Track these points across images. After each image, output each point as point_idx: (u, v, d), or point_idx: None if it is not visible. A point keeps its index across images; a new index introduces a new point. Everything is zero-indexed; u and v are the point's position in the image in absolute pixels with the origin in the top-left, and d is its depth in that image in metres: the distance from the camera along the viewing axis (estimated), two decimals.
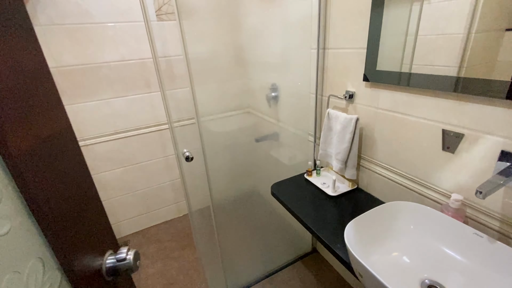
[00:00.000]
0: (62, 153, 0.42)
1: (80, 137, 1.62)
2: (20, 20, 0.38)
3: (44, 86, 0.40)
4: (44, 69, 0.41)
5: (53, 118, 0.41)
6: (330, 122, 1.15)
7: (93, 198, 0.50)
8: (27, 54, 0.37)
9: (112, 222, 1.91)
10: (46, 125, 0.39)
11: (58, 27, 1.40)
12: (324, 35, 1.14)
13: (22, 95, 0.34)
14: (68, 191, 0.42)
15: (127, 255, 0.50)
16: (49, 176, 0.37)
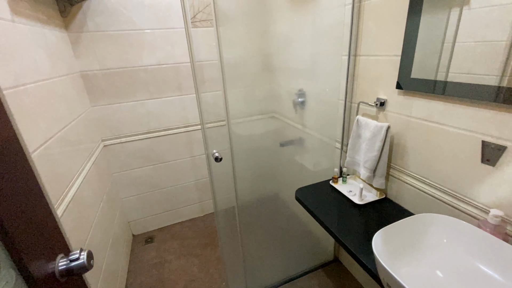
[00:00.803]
0: (8, 162, 0.44)
1: (117, 135, 1.74)
2: None
3: None
4: None
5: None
6: (359, 129, 1.14)
7: (41, 205, 0.52)
8: None
9: (139, 217, 2.01)
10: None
11: (103, 34, 1.53)
12: (356, 42, 1.14)
13: None
14: (18, 198, 0.45)
15: (80, 255, 0.53)
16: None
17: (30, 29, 1.04)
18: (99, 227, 1.34)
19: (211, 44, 1.78)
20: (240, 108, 1.81)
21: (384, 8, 0.98)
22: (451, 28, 0.78)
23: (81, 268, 0.53)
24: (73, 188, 1.12)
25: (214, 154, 1.12)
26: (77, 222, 1.09)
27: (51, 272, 0.49)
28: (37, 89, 1.00)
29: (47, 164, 0.94)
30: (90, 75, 1.57)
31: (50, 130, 1.03)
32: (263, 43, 1.85)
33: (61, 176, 1.05)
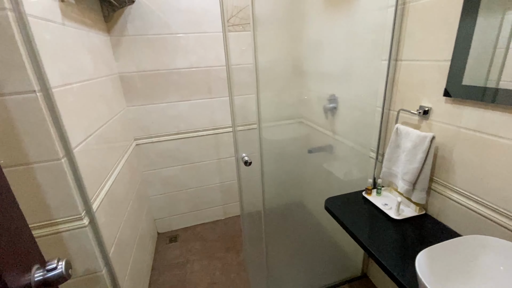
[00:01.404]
0: None
1: (149, 134, 1.80)
2: None
3: None
4: None
5: None
6: (398, 138, 1.07)
7: (16, 215, 0.50)
8: None
9: (165, 215, 2.05)
10: None
11: (141, 37, 1.60)
12: (398, 46, 1.08)
13: None
14: None
15: (58, 265, 0.51)
16: None
17: (77, 32, 1.10)
18: (128, 223, 1.38)
19: (242, 48, 1.79)
20: (269, 112, 1.79)
21: (433, 10, 0.91)
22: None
23: (59, 278, 0.51)
24: (107, 183, 1.17)
25: (243, 158, 1.11)
26: (109, 217, 1.13)
27: (27, 284, 0.47)
28: (81, 88, 1.05)
29: (86, 159, 0.98)
30: (128, 76, 1.64)
31: (91, 128, 1.09)
32: (294, 47, 1.83)
33: (98, 172, 1.09)
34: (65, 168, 0.84)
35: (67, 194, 0.86)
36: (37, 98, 0.75)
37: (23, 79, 0.73)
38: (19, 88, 0.73)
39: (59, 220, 0.88)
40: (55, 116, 0.81)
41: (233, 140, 1.15)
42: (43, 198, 0.84)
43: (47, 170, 0.82)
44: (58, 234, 0.89)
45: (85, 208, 0.93)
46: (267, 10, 1.60)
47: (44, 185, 0.83)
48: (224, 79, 1.84)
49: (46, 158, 0.81)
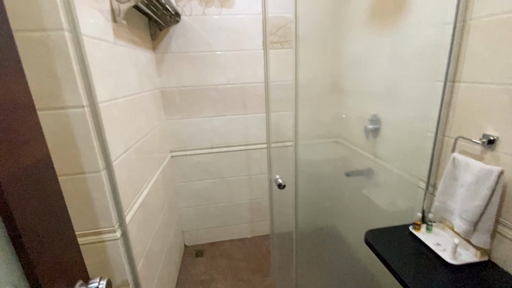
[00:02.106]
0: (41, 183, 0.43)
1: (184, 147, 1.84)
2: (9, 55, 0.39)
3: (27, 120, 0.42)
4: (28, 102, 0.43)
5: (33, 148, 0.42)
6: (456, 170, 0.94)
7: (67, 229, 0.50)
8: (13, 89, 0.39)
9: (193, 229, 2.05)
10: (27, 155, 0.40)
11: (183, 54, 1.67)
12: (456, 67, 0.96)
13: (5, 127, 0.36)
14: (44, 223, 0.42)
15: (100, 284, 0.50)
16: (28, 205, 0.37)
17: (126, 50, 1.18)
18: (158, 235, 1.39)
19: (279, 65, 1.78)
20: (304, 130, 1.73)
21: (502, 27, 0.80)
22: None
23: None
24: (142, 195, 1.19)
25: (277, 180, 1.06)
26: (141, 229, 1.14)
27: None
28: (125, 102, 1.10)
29: (124, 172, 1.01)
30: (168, 91, 1.71)
31: (131, 140, 1.12)
32: (333, 64, 1.77)
33: (134, 184, 1.12)
34: (104, 180, 0.86)
35: (103, 205, 0.88)
36: (85, 112, 0.79)
37: (74, 95, 0.77)
38: (70, 103, 0.77)
39: (91, 231, 0.90)
40: (99, 130, 0.84)
41: (267, 159, 1.11)
42: (80, 208, 0.86)
43: (87, 182, 0.85)
44: (89, 245, 0.90)
45: (119, 221, 0.94)
46: (307, 27, 1.57)
47: (82, 195, 0.86)
48: (259, 95, 1.84)
49: (87, 170, 0.84)
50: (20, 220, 0.38)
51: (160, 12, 1.44)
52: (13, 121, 0.39)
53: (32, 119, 0.44)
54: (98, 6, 0.93)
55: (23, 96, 0.43)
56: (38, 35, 0.72)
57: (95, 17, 0.90)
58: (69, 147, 0.80)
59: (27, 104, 0.43)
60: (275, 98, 1.74)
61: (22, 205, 0.39)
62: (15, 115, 0.40)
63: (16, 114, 0.40)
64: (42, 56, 0.73)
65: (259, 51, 1.75)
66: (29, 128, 0.43)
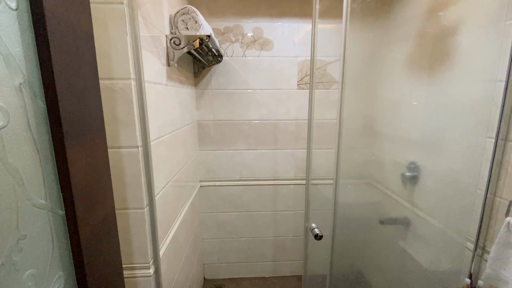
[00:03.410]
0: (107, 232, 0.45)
1: (213, 177, 1.87)
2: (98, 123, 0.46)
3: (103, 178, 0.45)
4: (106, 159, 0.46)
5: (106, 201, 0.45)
6: (511, 236, 0.86)
7: (116, 265, 0.51)
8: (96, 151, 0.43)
9: (214, 262, 2.02)
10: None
11: (222, 91, 1.76)
12: (508, 125, 0.92)
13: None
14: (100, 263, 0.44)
15: None
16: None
17: (174, 89, 1.27)
18: (184, 268, 1.38)
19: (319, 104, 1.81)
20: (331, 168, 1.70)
21: None
22: None
23: None
24: (174, 228, 1.21)
25: (314, 229, 1.03)
26: (170, 263, 1.14)
27: None
28: (170, 138, 1.17)
29: (162, 206, 1.04)
30: (204, 124, 1.79)
31: (170, 174, 1.17)
32: (369, 106, 1.77)
33: (168, 217, 1.14)
34: (146, 216, 0.90)
35: (142, 241, 0.91)
36: (138, 152, 0.85)
37: (131, 136, 0.84)
38: (127, 143, 0.84)
39: (130, 265, 0.91)
40: (148, 168, 0.89)
41: (305, 205, 1.09)
42: (123, 243, 0.89)
43: (129, 217, 0.88)
44: (126, 279, 0.92)
45: (153, 257, 0.95)
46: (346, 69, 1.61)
47: (124, 230, 0.89)
48: (290, 132, 1.86)
49: (132, 206, 0.88)
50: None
51: (204, 53, 1.56)
52: (93, 180, 0.44)
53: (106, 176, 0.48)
54: (157, 52, 1.03)
55: (103, 153, 0.48)
56: (108, 83, 0.80)
57: (154, 63, 1.00)
58: (118, 182, 0.86)
59: (105, 163, 0.48)
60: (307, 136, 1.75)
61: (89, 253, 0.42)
62: (96, 174, 0.44)
63: (96, 173, 0.45)
64: (109, 101, 0.81)
65: (293, 90, 1.80)
66: (104, 185, 0.47)
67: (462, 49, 1.11)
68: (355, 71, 1.70)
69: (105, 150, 0.47)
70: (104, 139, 0.47)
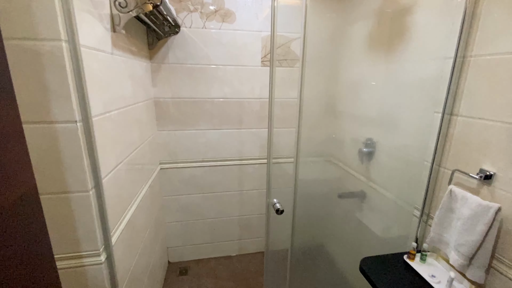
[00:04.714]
0: (26, 216, 0.41)
1: (175, 159, 1.78)
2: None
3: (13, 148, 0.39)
4: (17, 129, 0.40)
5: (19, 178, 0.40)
6: (452, 202, 0.94)
7: (44, 248, 0.47)
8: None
9: (179, 245, 1.97)
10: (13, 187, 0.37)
11: (181, 66, 1.63)
12: (454, 100, 0.99)
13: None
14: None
15: None
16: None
17: (122, 60, 1.13)
18: (143, 253, 1.31)
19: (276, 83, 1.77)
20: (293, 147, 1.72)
21: (501, 67, 0.83)
22: None
23: None
24: (129, 212, 1.12)
25: (275, 205, 1.03)
26: (126, 250, 1.06)
27: None
28: (119, 115, 1.05)
29: (113, 189, 0.95)
30: (162, 101, 1.66)
31: (122, 155, 1.07)
32: (330, 86, 1.79)
33: (122, 201, 1.05)
34: (92, 200, 0.80)
35: (89, 227, 0.82)
36: (77, 128, 0.74)
37: (67, 109, 0.72)
38: (62, 117, 0.72)
39: (74, 254, 0.83)
40: (91, 146, 0.79)
41: (267, 183, 1.08)
42: (64, 230, 0.80)
43: (72, 201, 0.78)
44: (72, 269, 0.83)
45: (104, 243, 0.87)
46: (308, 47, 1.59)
47: (66, 216, 0.79)
48: (255, 112, 1.82)
49: (74, 189, 0.78)
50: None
51: (159, 22, 1.41)
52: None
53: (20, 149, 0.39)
54: (98, 14, 0.89)
55: (12, 122, 0.38)
56: (30, 44, 0.67)
57: (94, 26, 0.86)
58: (55, 163, 0.74)
59: (16, 131, 0.39)
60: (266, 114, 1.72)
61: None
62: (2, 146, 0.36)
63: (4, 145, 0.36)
64: (34, 66, 0.68)
65: (257, 67, 1.74)
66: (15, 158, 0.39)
67: (418, 28, 1.15)
68: (317, 49, 1.69)
69: (15, 118, 0.38)
70: (13, 105, 0.38)
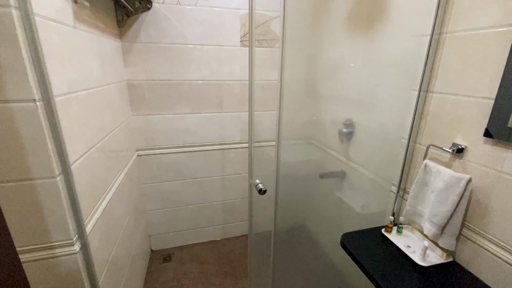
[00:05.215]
0: None
1: (152, 145, 1.71)
2: None
3: None
4: None
5: None
6: (427, 176, 0.98)
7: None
8: None
9: (161, 232, 1.93)
10: None
11: (155, 45, 1.53)
12: (430, 77, 1.01)
13: None
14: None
15: None
16: None
17: (88, 36, 1.03)
18: (123, 242, 1.27)
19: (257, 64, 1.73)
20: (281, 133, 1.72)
21: (475, 43, 0.85)
22: None
23: None
24: (105, 200, 1.07)
25: (258, 185, 1.02)
26: (103, 239, 1.02)
27: None
28: (87, 96, 0.97)
29: (84, 175, 0.89)
30: (136, 84, 1.57)
31: (93, 139, 1.00)
32: (311, 67, 1.77)
33: (96, 188, 0.99)
34: (60, 187, 0.74)
35: (59, 216, 0.76)
36: (37, 108, 0.67)
37: (23, 86, 0.64)
38: (17, 96, 0.64)
39: (46, 245, 0.77)
40: (55, 128, 0.72)
41: (248, 163, 1.06)
42: (30, 220, 0.74)
43: (39, 189, 0.72)
44: (43, 261, 0.78)
45: (78, 232, 0.82)
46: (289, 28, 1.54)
47: (34, 205, 0.73)
48: (236, 94, 1.78)
49: (40, 175, 0.71)
50: None
51: None
52: None
53: None
54: None
55: None
56: None
57: None
58: (15, 148, 0.67)
59: None
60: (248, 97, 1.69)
61: None
62: None
63: None
64: None
65: (237, 47, 1.68)
66: None
67: (396, 5, 1.14)
68: (297, 29, 1.66)
69: None
70: None
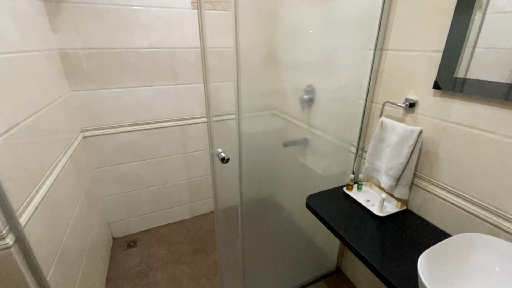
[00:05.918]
0: None
1: (100, 125, 1.52)
2: None
3: None
4: None
5: None
6: (383, 132, 1.02)
7: None
8: None
9: (122, 218, 1.81)
10: None
11: (89, 6, 1.31)
12: (384, 35, 1.01)
13: None
14: None
15: None
16: None
17: None
18: (75, 231, 1.15)
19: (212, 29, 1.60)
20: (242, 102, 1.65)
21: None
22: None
23: None
24: (43, 187, 0.92)
25: (220, 154, 0.96)
26: (47, 229, 0.89)
27: None
28: (2, 63, 0.79)
29: (9, 158, 0.74)
30: (71, 54, 1.35)
31: (17, 116, 0.83)
32: (268, 34, 1.70)
33: (29, 174, 0.85)
34: None
35: None
36: None
37: None
38: None
39: None
40: None
41: (208, 133, 1.00)
42: None
43: None
44: None
45: (8, 224, 0.70)
46: None
47: None
48: (191, 64, 1.64)
49: None
50: None
51: None
52: None
53: None
54: None
55: None
56: None
57: None
58: None
59: None
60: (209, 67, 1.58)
61: None
62: None
63: None
64: None
65: (188, 10, 1.52)
66: None
67: None
68: None
69: None
70: None
